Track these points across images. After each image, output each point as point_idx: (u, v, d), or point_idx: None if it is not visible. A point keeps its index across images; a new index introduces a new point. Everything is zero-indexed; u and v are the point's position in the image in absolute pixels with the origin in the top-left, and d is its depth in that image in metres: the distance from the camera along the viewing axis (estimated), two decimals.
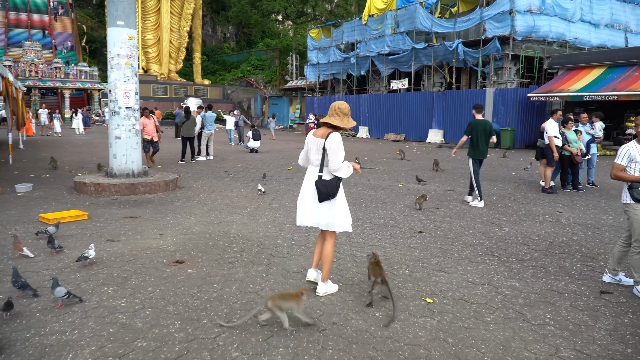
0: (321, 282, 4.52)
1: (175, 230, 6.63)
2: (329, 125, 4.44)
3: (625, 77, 21.79)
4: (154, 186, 9.58)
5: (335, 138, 4.33)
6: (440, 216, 7.92)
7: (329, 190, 4.32)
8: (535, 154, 11.55)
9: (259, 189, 9.70)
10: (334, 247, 4.65)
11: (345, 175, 4.36)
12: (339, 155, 4.31)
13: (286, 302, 3.77)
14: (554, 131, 10.36)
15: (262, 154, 18.50)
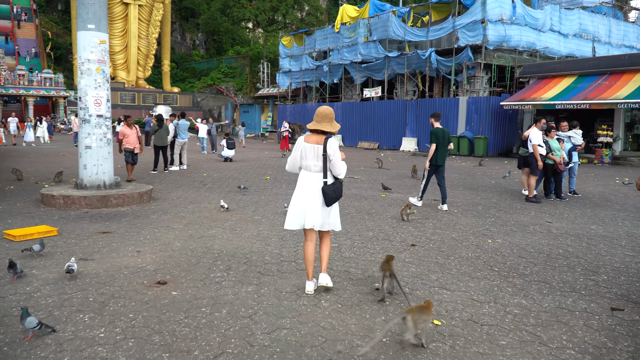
0: (323, 273, 4.72)
1: (154, 247, 6.18)
2: (320, 132, 4.58)
3: (595, 85, 22.12)
4: (127, 198, 9.08)
5: (335, 143, 4.57)
6: (429, 227, 7.66)
7: (337, 194, 4.59)
8: (517, 163, 11.43)
9: (222, 206, 8.66)
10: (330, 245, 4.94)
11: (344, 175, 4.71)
12: (340, 159, 4.61)
13: (424, 315, 3.62)
14: (538, 140, 10.26)
15: (236, 163, 18.05)
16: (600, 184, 13.76)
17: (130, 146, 12.49)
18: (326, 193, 4.52)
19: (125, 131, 12.55)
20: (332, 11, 64.30)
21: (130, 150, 12.48)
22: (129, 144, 12.50)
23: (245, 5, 59.45)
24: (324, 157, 4.52)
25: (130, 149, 12.48)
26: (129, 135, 12.52)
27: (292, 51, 39.81)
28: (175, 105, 50.87)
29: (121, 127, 12.61)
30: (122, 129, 12.64)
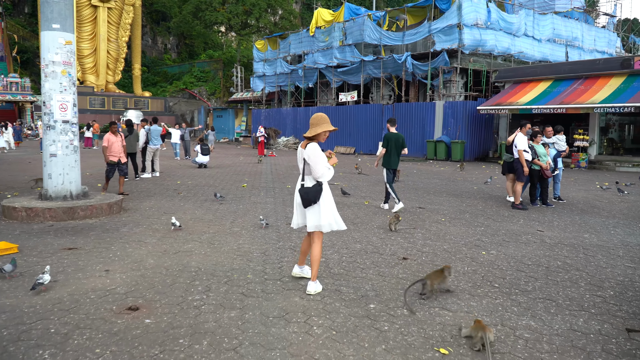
0: (311, 282, 4.86)
1: (124, 265, 5.65)
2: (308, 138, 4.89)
3: (571, 90, 22.21)
4: (95, 209, 8.48)
5: (312, 148, 4.77)
6: (419, 238, 7.28)
7: (310, 197, 4.77)
8: (502, 169, 11.16)
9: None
10: (321, 248, 4.93)
11: (329, 178, 4.85)
12: (319, 163, 4.73)
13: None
14: (524, 145, 10.01)
15: (211, 170, 17.48)
16: (581, 189, 13.63)
17: (114, 158, 11.14)
18: (301, 195, 4.84)
19: (110, 138, 11.16)
20: (306, 16, 64.03)
21: (113, 162, 11.14)
22: (114, 154, 11.14)
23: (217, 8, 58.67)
24: (304, 161, 4.85)
25: (113, 162, 11.15)
26: (113, 143, 11.16)
27: (266, 55, 39.30)
28: (146, 109, 49.79)
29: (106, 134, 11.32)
30: (106, 136, 11.25)
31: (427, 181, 14.89)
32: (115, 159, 11.17)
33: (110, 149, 11.14)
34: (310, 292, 4.76)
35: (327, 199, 4.87)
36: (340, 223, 5.01)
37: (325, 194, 4.85)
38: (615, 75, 21.56)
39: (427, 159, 25.35)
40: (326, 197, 4.86)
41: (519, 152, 10.00)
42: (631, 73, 21.02)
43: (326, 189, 4.87)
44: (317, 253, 4.85)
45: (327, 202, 4.87)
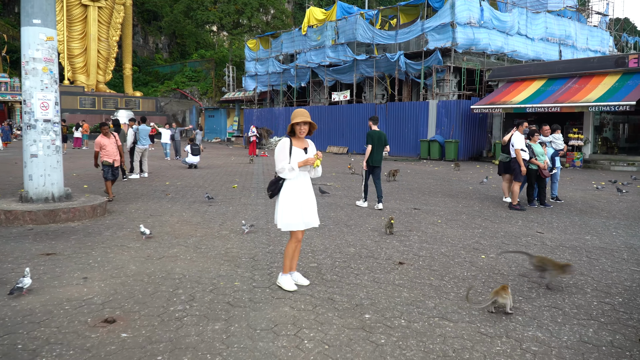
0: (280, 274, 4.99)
1: (104, 272, 5.33)
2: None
3: (565, 88, 22.03)
4: (78, 212, 8.14)
5: (279, 143, 4.81)
6: (415, 241, 6.99)
7: (268, 187, 4.88)
8: (498, 169, 10.90)
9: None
10: (290, 245, 4.93)
11: (287, 177, 4.74)
12: (278, 158, 4.73)
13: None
14: (521, 144, 9.75)
15: (201, 170, 17.12)
16: (578, 188, 13.41)
17: (109, 159, 10.35)
18: None
19: (102, 141, 10.34)
20: (298, 15, 63.68)
21: (109, 163, 10.33)
22: (108, 156, 10.36)
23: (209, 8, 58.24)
24: None
25: (109, 163, 10.33)
26: (106, 145, 10.37)
27: (258, 54, 38.95)
28: (137, 109, 49.30)
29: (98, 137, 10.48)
30: (98, 139, 10.38)
31: (422, 181, 14.62)
32: (111, 159, 10.37)
33: (104, 150, 10.41)
34: (278, 284, 4.92)
35: (286, 197, 4.77)
36: (282, 223, 4.79)
37: (286, 191, 4.77)
38: (610, 73, 21.41)
39: (420, 158, 25.11)
40: (285, 195, 4.77)
41: (516, 152, 9.75)
42: (625, 71, 20.86)
43: (289, 187, 4.78)
44: (287, 250, 4.92)
45: (285, 200, 4.77)
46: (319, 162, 4.76)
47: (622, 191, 12.35)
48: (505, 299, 4.30)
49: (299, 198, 4.78)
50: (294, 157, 4.70)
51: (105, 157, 10.36)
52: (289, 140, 4.77)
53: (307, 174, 4.91)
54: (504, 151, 10.49)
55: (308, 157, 4.74)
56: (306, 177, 4.89)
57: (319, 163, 4.77)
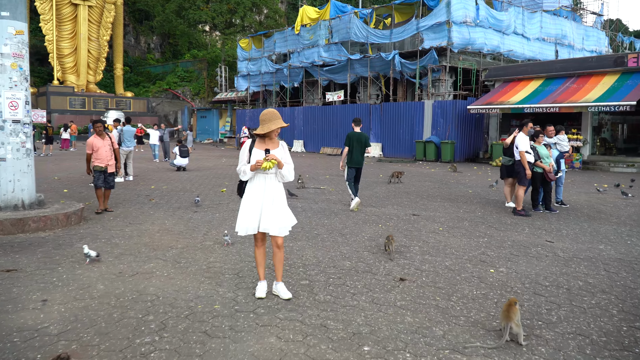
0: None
1: (67, 293, 4.71)
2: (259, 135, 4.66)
3: (564, 88, 21.56)
4: (49, 221, 7.50)
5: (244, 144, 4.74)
6: (416, 253, 6.40)
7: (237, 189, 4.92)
8: (500, 173, 10.33)
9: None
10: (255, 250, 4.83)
11: (242, 179, 4.70)
12: (239, 160, 4.68)
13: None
14: (525, 146, 9.20)
15: (190, 173, 16.48)
16: (581, 191, 12.89)
17: (101, 163, 8.93)
18: None
19: (94, 143, 8.94)
20: (291, 15, 63.07)
21: (100, 168, 8.93)
22: (100, 159, 8.94)
23: (201, 7, 57.57)
24: None
25: (101, 167, 8.94)
26: (99, 148, 8.91)
27: (250, 54, 38.29)
28: (128, 110, 48.57)
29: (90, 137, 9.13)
30: (90, 139, 9.04)
31: (419, 184, 14.06)
32: (104, 164, 8.96)
33: (96, 154, 9.00)
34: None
35: (244, 199, 4.72)
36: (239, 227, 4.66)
37: (246, 194, 4.72)
38: (609, 73, 20.96)
39: (416, 159, 24.56)
40: (245, 198, 4.73)
41: (520, 154, 9.19)
42: (625, 71, 20.42)
43: (249, 189, 4.68)
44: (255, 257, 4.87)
45: (243, 202, 4.71)
46: (268, 164, 4.42)
47: (628, 195, 11.83)
48: (518, 327, 3.73)
49: (257, 201, 4.61)
50: (254, 158, 4.56)
51: (97, 161, 8.95)
52: (252, 142, 4.69)
53: (273, 177, 4.67)
54: (505, 154, 9.93)
55: (256, 161, 4.47)
56: (271, 180, 4.66)
57: (269, 166, 4.43)
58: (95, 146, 8.94)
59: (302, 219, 8.47)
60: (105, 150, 9.00)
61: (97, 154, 8.95)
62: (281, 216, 4.62)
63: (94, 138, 9.04)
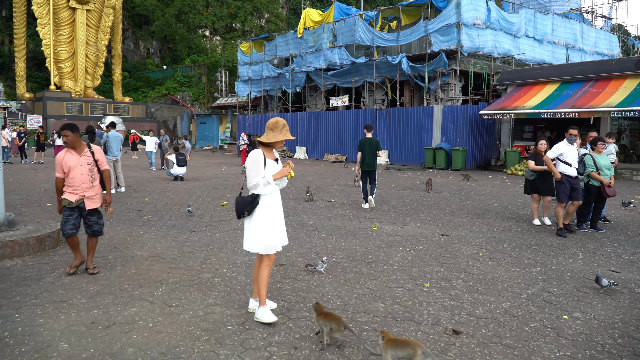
0: (259, 307, 4.31)
1: (16, 357, 3.54)
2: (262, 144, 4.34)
3: (582, 93, 20.44)
4: (18, 246, 6.31)
5: (251, 156, 4.26)
6: (462, 289, 5.21)
7: (241, 207, 4.26)
8: (524, 188, 9.21)
9: None
10: (266, 270, 4.33)
11: (263, 193, 4.23)
12: (252, 172, 4.21)
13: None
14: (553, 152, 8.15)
15: (188, 183, 15.30)
16: (613, 204, 11.70)
17: (73, 194, 5.57)
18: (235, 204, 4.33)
19: (64, 161, 5.53)
20: (292, 20, 62.16)
21: (70, 204, 5.57)
22: (73, 188, 5.56)
23: (201, 11, 56.61)
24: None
25: (70, 203, 5.57)
26: (71, 168, 5.54)
27: (251, 58, 37.20)
28: (126, 115, 47.56)
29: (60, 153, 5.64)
30: (59, 155, 5.60)
31: (437, 195, 12.89)
32: (76, 196, 5.56)
33: (68, 181, 5.57)
34: (258, 319, 4.25)
35: (262, 216, 4.26)
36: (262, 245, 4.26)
37: (263, 209, 4.27)
38: (630, 76, 19.85)
39: (425, 167, 23.40)
40: (262, 214, 4.27)
41: (545, 159, 8.12)
42: None
43: (266, 204, 4.29)
44: (262, 275, 4.31)
45: (263, 219, 4.26)
46: (292, 172, 4.36)
47: None
48: None
49: (275, 216, 4.35)
50: (268, 170, 4.24)
51: (67, 191, 5.57)
52: (262, 153, 4.26)
53: (278, 188, 4.46)
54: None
55: (282, 169, 4.30)
56: (278, 192, 4.46)
57: (293, 173, 4.36)
58: (66, 165, 5.51)
59: (315, 241, 7.30)
60: (82, 173, 5.56)
61: (70, 179, 5.54)
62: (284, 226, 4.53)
63: (66, 154, 5.56)
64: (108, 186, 5.92)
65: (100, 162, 5.81)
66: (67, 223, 5.60)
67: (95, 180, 5.71)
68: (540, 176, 8.69)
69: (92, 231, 5.77)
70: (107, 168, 5.95)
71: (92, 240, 5.82)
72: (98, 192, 5.76)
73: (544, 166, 8.50)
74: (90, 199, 5.67)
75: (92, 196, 5.68)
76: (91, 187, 5.66)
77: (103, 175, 5.87)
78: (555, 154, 8.23)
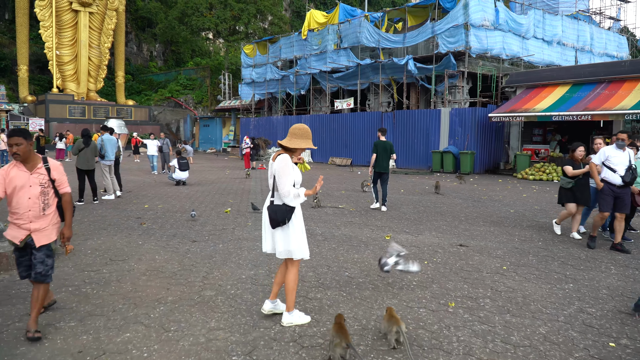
0: (286, 312, 4.31)
1: None
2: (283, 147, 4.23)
3: (594, 95, 19.92)
4: (6, 259, 5.84)
5: (281, 161, 4.12)
6: (491, 310, 4.71)
7: (279, 216, 4.12)
8: (559, 197, 8.35)
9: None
10: (296, 276, 4.33)
11: (293, 204, 4.14)
12: (283, 179, 4.08)
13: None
14: (600, 157, 7.53)
15: (190, 187, 14.84)
16: None
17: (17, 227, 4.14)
18: (269, 214, 4.18)
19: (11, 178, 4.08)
20: (296, 23, 61.81)
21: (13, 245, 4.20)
22: (17, 217, 4.12)
23: (204, 14, 56.23)
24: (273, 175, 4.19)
25: (14, 244, 4.18)
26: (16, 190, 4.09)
27: (254, 60, 36.77)
28: (129, 119, 47.26)
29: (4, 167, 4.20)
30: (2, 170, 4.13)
31: (449, 201, 12.40)
32: (22, 234, 4.13)
33: (11, 203, 4.15)
34: (284, 324, 4.26)
35: (298, 222, 4.27)
36: (306, 252, 4.31)
37: (298, 215, 4.25)
38: None
39: (432, 171, 22.89)
40: (298, 219, 4.27)
41: (590, 165, 7.51)
42: None
43: (298, 209, 4.27)
44: (291, 281, 4.30)
45: (298, 225, 4.25)
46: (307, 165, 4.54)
47: None
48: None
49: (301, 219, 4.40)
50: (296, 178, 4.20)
51: (12, 222, 4.17)
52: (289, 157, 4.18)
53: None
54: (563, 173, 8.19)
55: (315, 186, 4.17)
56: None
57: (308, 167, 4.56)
58: (10, 184, 4.08)
59: (326, 253, 6.82)
60: (30, 197, 4.11)
61: (13, 204, 4.12)
62: None
63: (12, 169, 4.12)
64: (68, 216, 4.33)
65: (59, 183, 4.26)
66: (20, 265, 4.21)
67: (48, 207, 4.20)
68: (578, 183, 8.00)
69: (35, 274, 4.09)
70: (68, 192, 4.35)
71: (37, 289, 4.11)
72: (51, 222, 4.22)
73: (584, 169, 7.85)
74: (40, 232, 4.12)
75: (41, 229, 4.13)
76: (41, 216, 4.12)
77: (62, 200, 4.31)
78: (601, 160, 7.52)
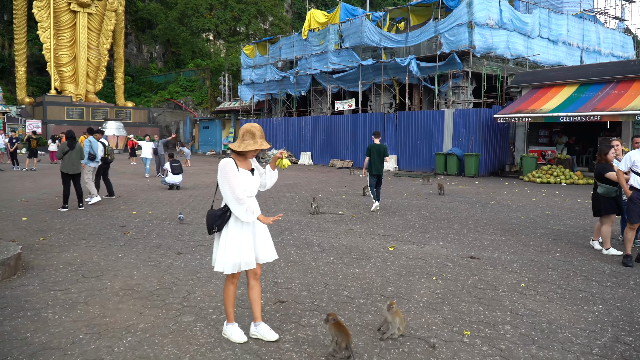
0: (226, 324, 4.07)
1: None
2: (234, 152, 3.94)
3: (603, 95, 19.28)
4: None
5: (221, 166, 3.80)
6: (513, 338, 4.06)
7: (210, 221, 3.89)
8: (593, 210, 7.44)
9: None
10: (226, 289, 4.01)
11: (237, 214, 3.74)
12: (223, 185, 3.77)
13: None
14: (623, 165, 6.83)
15: (184, 192, 14.19)
16: None
17: None
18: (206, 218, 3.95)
19: None
20: (296, 24, 61.20)
21: None
22: None
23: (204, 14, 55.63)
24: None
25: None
26: None
27: (254, 61, 36.16)
28: (128, 120, 46.74)
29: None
30: None
31: (454, 206, 11.74)
32: None
33: None
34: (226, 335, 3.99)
35: (229, 234, 3.83)
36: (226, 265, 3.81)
37: (235, 228, 3.83)
38: None
39: (435, 174, 22.21)
40: (231, 232, 3.83)
41: (618, 171, 6.77)
42: None
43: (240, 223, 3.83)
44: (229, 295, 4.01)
45: (227, 237, 3.84)
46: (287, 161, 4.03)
47: None
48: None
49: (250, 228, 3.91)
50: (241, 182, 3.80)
51: None
52: (234, 161, 3.84)
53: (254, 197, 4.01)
54: (601, 181, 7.22)
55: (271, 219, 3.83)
56: (255, 202, 3.96)
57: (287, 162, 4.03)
58: None
59: (323, 267, 6.17)
60: None
61: None
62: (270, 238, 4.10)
63: None
64: None
65: None
66: None
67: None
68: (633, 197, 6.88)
69: None
70: None
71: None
72: None
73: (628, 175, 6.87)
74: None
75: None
76: None
77: None
78: (628, 166, 6.77)
